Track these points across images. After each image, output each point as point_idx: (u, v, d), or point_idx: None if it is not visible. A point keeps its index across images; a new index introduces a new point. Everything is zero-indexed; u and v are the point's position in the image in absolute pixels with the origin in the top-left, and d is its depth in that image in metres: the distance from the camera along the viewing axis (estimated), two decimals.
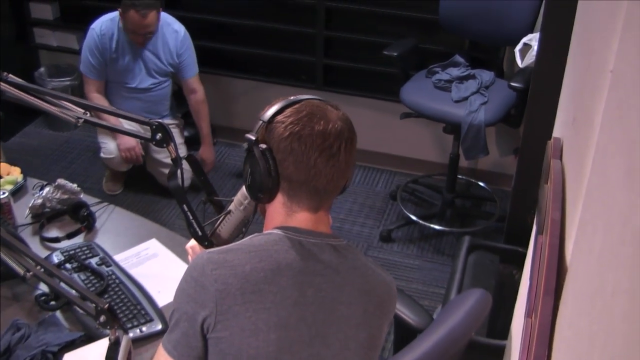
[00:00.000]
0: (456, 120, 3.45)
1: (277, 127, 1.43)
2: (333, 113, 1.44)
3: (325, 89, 4.28)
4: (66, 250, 2.24)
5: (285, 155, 1.42)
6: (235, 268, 1.39)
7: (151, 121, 1.75)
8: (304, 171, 1.42)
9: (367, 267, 1.51)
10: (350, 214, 4.04)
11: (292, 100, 1.46)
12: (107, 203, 2.55)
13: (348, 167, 1.45)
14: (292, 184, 1.44)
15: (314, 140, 1.40)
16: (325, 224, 1.50)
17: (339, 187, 1.48)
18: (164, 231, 2.42)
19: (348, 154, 1.43)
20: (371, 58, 4.11)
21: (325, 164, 1.41)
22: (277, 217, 1.49)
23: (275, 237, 1.44)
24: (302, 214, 1.47)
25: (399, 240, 3.85)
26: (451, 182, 3.87)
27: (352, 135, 1.45)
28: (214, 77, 4.51)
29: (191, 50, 3.88)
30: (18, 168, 2.71)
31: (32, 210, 2.46)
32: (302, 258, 1.43)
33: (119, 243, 2.35)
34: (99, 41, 3.71)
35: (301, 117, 1.42)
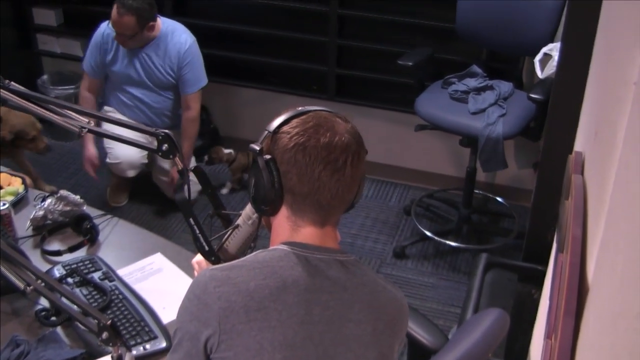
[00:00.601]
0: (473, 133, 3.45)
1: (282, 138, 1.43)
2: (341, 125, 1.44)
3: (337, 99, 4.29)
4: (68, 264, 2.24)
5: (289, 167, 1.43)
6: (239, 285, 1.39)
7: (157, 131, 1.76)
8: (308, 184, 1.42)
9: (376, 283, 1.51)
10: (362, 229, 4.03)
11: (300, 111, 1.47)
12: (110, 215, 2.56)
13: (355, 182, 1.45)
14: (295, 197, 1.45)
15: (318, 153, 1.40)
16: (332, 239, 1.49)
17: (345, 203, 1.47)
18: (169, 245, 2.42)
19: (355, 169, 1.43)
20: (385, 68, 4.12)
21: (329, 177, 1.41)
22: (282, 231, 1.49)
23: (281, 253, 1.44)
24: (308, 228, 1.47)
25: (413, 257, 3.84)
26: (468, 197, 3.86)
27: (360, 149, 1.45)
28: (222, 86, 4.53)
29: (195, 65, 3.84)
30: (19, 178, 2.73)
31: (33, 222, 2.47)
32: (308, 275, 1.43)
33: (122, 257, 2.35)
34: (102, 40, 3.76)
35: (307, 129, 1.42)
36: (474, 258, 3.23)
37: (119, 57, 3.76)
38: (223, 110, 4.64)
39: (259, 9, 4.33)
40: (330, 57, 4.19)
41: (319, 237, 1.47)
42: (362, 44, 4.15)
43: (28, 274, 1.78)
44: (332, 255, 1.47)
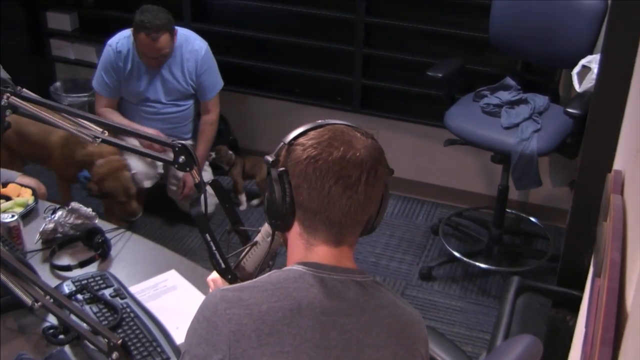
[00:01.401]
0: (506, 149, 3.43)
1: (296, 150, 1.44)
2: (359, 140, 1.44)
3: (362, 111, 4.29)
4: (78, 280, 2.25)
5: (300, 181, 1.43)
6: (251, 307, 1.38)
7: (174, 142, 1.76)
8: (317, 199, 1.42)
9: (395, 305, 1.50)
10: (387, 248, 4.02)
11: (319, 124, 1.48)
12: (123, 229, 2.56)
13: (370, 202, 1.45)
14: (306, 213, 1.45)
15: (330, 167, 1.40)
16: (349, 259, 1.49)
17: (358, 223, 1.47)
18: (184, 262, 2.42)
19: (370, 187, 1.43)
20: (413, 79, 4.10)
21: (340, 194, 1.41)
22: (296, 250, 1.49)
23: (295, 273, 1.44)
24: (321, 247, 1.46)
25: (441, 278, 3.82)
26: (499, 216, 3.83)
27: (377, 167, 1.44)
28: (243, 96, 4.54)
29: (212, 70, 3.90)
30: (29, 189, 2.75)
31: (42, 235, 2.49)
32: (324, 296, 1.42)
33: (135, 273, 2.35)
34: (114, 59, 3.76)
35: (321, 141, 1.43)
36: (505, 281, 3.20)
37: (135, 75, 3.79)
38: (243, 121, 4.65)
39: (282, 15, 4.34)
40: (356, 67, 4.20)
41: (334, 256, 1.46)
42: (390, 53, 4.15)
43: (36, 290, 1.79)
44: (350, 275, 1.46)
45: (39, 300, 1.76)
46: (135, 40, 3.65)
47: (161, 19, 3.59)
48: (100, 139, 1.81)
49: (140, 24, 3.58)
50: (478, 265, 3.82)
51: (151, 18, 3.57)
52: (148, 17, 3.57)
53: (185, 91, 3.87)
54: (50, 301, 1.76)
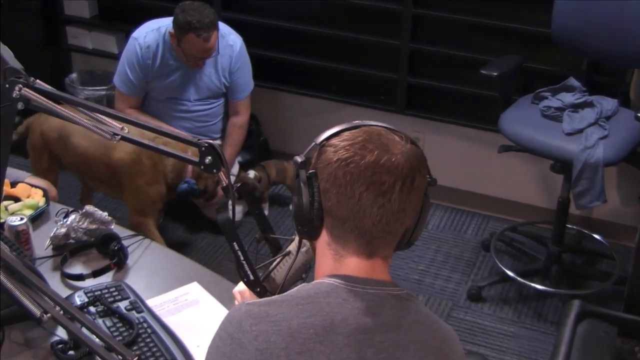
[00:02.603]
0: (568, 157, 3.40)
1: (327, 152, 1.46)
2: (397, 145, 1.45)
3: (407, 112, 4.27)
4: (91, 291, 2.25)
5: (329, 185, 1.44)
6: (279, 324, 1.39)
7: (200, 142, 1.76)
8: (347, 206, 1.43)
9: (432, 320, 1.51)
10: (432, 265, 4.00)
11: (354, 124, 1.49)
12: (142, 236, 2.57)
13: (404, 212, 1.45)
14: (334, 220, 1.46)
15: (361, 172, 1.41)
16: (383, 272, 1.49)
17: (391, 234, 1.47)
18: (207, 274, 2.42)
19: (405, 196, 1.43)
20: (465, 78, 4.10)
21: (372, 201, 1.42)
22: (325, 261, 1.50)
23: (327, 287, 1.44)
24: (352, 259, 1.47)
25: (491, 300, 3.80)
26: (559, 232, 3.80)
27: (415, 175, 1.44)
28: (275, 93, 4.55)
29: (246, 68, 3.93)
30: (40, 190, 2.76)
31: (53, 240, 2.50)
32: (359, 312, 1.42)
33: (153, 285, 2.36)
34: (141, 55, 3.77)
35: (354, 143, 1.44)
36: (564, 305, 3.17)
37: (164, 72, 3.80)
38: (275, 120, 4.66)
39: (319, 5, 4.35)
40: (402, 63, 4.18)
41: (367, 269, 1.47)
42: (439, 49, 4.14)
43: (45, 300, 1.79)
44: (385, 289, 1.47)
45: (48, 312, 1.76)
46: (181, 42, 3.63)
47: (209, 16, 3.59)
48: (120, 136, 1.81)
49: (189, 25, 3.56)
50: (534, 287, 3.79)
51: (199, 17, 3.56)
52: (196, 16, 3.56)
53: (217, 90, 3.89)
54: (61, 313, 1.76)
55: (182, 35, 3.60)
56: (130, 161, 3.51)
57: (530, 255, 4.02)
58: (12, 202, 2.66)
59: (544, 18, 3.72)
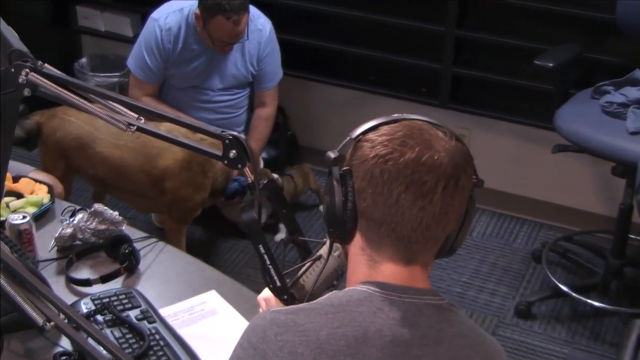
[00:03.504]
0: (631, 159, 3.37)
1: (363, 147, 1.46)
2: (441, 141, 1.44)
3: (451, 106, 4.26)
4: (99, 298, 2.26)
5: (364, 184, 1.45)
6: (307, 334, 1.39)
7: (224, 134, 1.76)
8: (383, 208, 1.43)
9: (476, 334, 1.50)
10: (476, 276, 3.98)
11: (394, 118, 1.50)
12: (156, 239, 2.58)
13: (447, 216, 1.45)
14: (369, 223, 1.46)
15: (400, 170, 1.41)
16: (422, 280, 1.50)
17: (432, 240, 1.47)
18: (227, 281, 2.43)
19: (447, 198, 1.43)
20: (517, 68, 4.08)
21: (411, 203, 1.42)
22: (359, 267, 1.50)
23: (360, 294, 1.45)
24: (388, 265, 1.47)
25: (542, 317, 3.78)
26: (620, 243, 3.78)
27: (460, 175, 1.44)
28: (304, 82, 4.55)
29: (275, 54, 3.94)
30: (44, 186, 2.78)
31: (58, 241, 2.51)
32: (395, 323, 1.42)
33: (167, 293, 2.36)
34: (161, 38, 3.77)
35: (393, 139, 1.44)
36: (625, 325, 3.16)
37: (186, 58, 3.80)
38: (304, 113, 4.66)
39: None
40: (447, 51, 4.17)
41: (405, 276, 1.47)
42: (488, 36, 4.12)
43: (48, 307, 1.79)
44: (423, 298, 1.47)
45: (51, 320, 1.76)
46: (207, 24, 3.62)
47: None
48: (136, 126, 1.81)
49: (217, 7, 3.55)
50: (590, 303, 3.77)
51: None
52: None
53: (244, 78, 3.89)
54: (65, 321, 1.76)
55: (209, 17, 3.61)
56: (180, 169, 3.49)
57: (586, 268, 4.00)
58: (14, 198, 2.67)
59: (607, 3, 3.70)
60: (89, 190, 4.16)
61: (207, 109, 3.91)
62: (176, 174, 3.49)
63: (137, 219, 4.13)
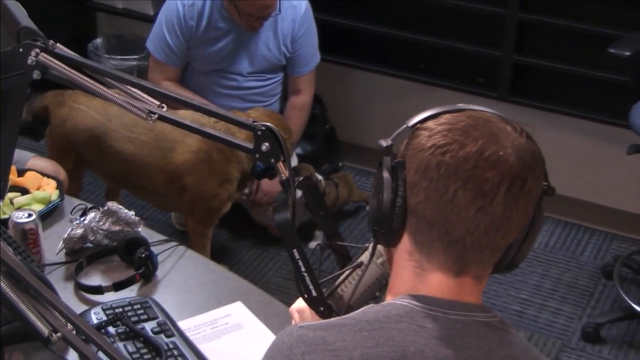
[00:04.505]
0: None
1: (420, 135, 1.45)
2: (508, 136, 1.42)
3: (512, 99, 4.25)
4: (111, 307, 2.28)
5: (417, 177, 1.43)
6: (339, 354, 1.39)
7: (256, 124, 1.76)
8: (436, 205, 1.41)
9: (531, 356, 1.50)
10: (537, 293, 3.97)
11: (458, 107, 1.48)
12: (176, 242, 2.59)
13: (509, 222, 1.42)
14: (420, 222, 1.44)
15: (459, 164, 1.39)
16: (472, 294, 1.48)
17: (489, 248, 1.44)
18: (255, 292, 2.43)
19: (511, 201, 1.40)
20: (588, 58, 4.07)
21: (469, 202, 1.39)
22: (403, 275, 1.49)
23: (399, 309, 1.44)
24: (436, 276, 1.45)
25: (613, 341, 3.76)
26: None
27: (528, 176, 1.41)
28: (343, 69, 4.56)
29: (312, 35, 3.95)
30: (52, 181, 2.80)
31: (67, 243, 2.53)
32: (438, 343, 1.41)
33: (188, 303, 2.37)
34: (184, 14, 3.79)
35: (454, 129, 1.42)
36: None
37: (211, 37, 3.82)
38: (344, 104, 4.66)
39: None
40: (507, 36, 4.17)
41: (453, 289, 1.46)
42: (555, 20, 4.11)
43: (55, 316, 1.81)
44: (472, 314, 1.46)
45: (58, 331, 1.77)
46: None
47: None
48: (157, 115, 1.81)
49: None
50: None
51: None
52: None
53: (277, 61, 3.90)
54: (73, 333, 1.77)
55: None
56: (198, 161, 3.48)
57: None
58: (18, 194, 2.69)
59: None
60: (102, 187, 4.19)
61: (235, 97, 3.92)
62: (195, 167, 3.48)
63: (156, 220, 4.15)
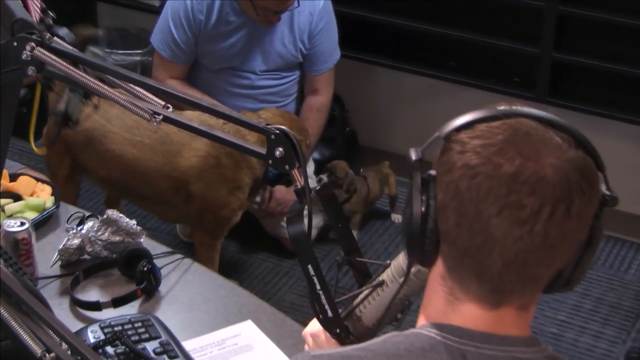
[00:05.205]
0: None
1: (452, 150, 1.39)
2: (554, 151, 1.35)
3: (551, 100, 4.23)
4: (109, 325, 2.28)
5: (447, 198, 1.38)
6: None
7: (269, 127, 1.76)
8: (468, 234, 1.36)
9: None
10: (577, 314, 3.97)
11: (495, 113, 1.40)
12: (181, 255, 2.60)
13: (553, 250, 1.37)
14: (452, 249, 1.40)
15: (493, 187, 1.33)
16: (514, 325, 1.45)
17: (532, 279, 1.40)
18: (266, 310, 2.44)
19: (555, 227, 1.34)
20: (636, 55, 4.07)
21: (505, 232, 1.34)
22: (435, 299, 1.46)
23: (424, 342, 1.41)
24: (470, 306, 1.42)
25: None
26: None
27: (574, 198, 1.34)
28: (365, 66, 4.56)
29: (331, 30, 3.94)
30: (48, 187, 2.81)
31: (63, 254, 2.54)
32: None
33: (193, 322, 2.38)
34: (192, 7, 3.80)
35: (489, 144, 1.36)
36: None
37: (222, 33, 3.83)
38: (367, 105, 4.67)
39: None
40: (546, 31, 4.16)
41: (490, 321, 1.42)
42: (599, 14, 4.10)
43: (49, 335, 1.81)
44: (511, 349, 1.42)
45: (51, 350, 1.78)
46: None
47: None
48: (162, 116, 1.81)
49: None
50: None
51: None
52: None
53: (293, 58, 3.91)
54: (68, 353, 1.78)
55: None
56: (206, 167, 3.47)
57: None
58: (10, 200, 2.71)
59: None
60: (101, 193, 4.20)
61: (247, 96, 3.92)
62: (202, 173, 3.47)
63: (159, 230, 4.16)
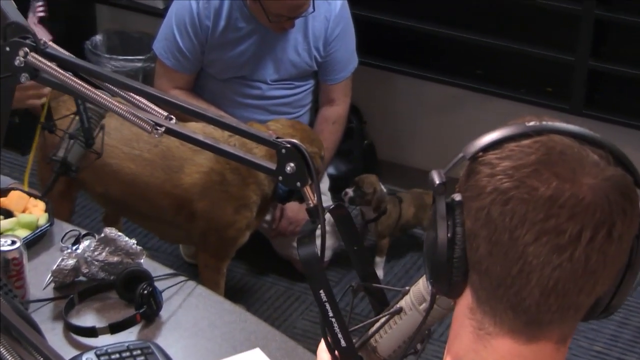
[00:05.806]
0: None
1: (480, 173, 1.36)
2: (592, 170, 1.32)
3: (586, 113, 4.22)
4: (106, 353, 2.28)
5: (477, 226, 1.36)
6: None
7: (279, 141, 1.76)
8: (502, 262, 1.34)
9: None
10: (614, 344, 3.96)
11: (525, 130, 1.38)
12: (184, 277, 2.60)
13: (594, 276, 1.34)
14: (483, 279, 1.37)
15: (528, 213, 1.31)
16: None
17: (573, 309, 1.37)
18: (276, 337, 2.44)
19: (597, 252, 1.31)
20: None
21: (543, 260, 1.31)
22: (462, 334, 1.44)
23: None
24: (503, 342, 1.39)
25: None
26: None
27: (616, 220, 1.32)
28: (385, 74, 4.56)
29: (348, 37, 3.95)
30: (41, 202, 2.81)
31: (57, 276, 2.54)
32: None
33: (197, 349, 2.38)
34: (198, 12, 3.80)
35: (522, 165, 1.33)
36: None
37: (230, 40, 3.83)
38: (387, 116, 4.67)
39: None
40: (582, 38, 4.15)
41: (526, 357, 1.40)
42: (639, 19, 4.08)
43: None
44: None
45: None
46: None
47: None
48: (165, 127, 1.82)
49: None
50: None
51: None
52: None
53: (307, 66, 3.91)
54: None
55: None
56: (210, 183, 3.48)
57: None
58: (1, 217, 2.70)
59: None
60: (98, 210, 4.20)
61: (258, 107, 3.92)
62: (206, 190, 3.48)
63: (161, 250, 4.16)
